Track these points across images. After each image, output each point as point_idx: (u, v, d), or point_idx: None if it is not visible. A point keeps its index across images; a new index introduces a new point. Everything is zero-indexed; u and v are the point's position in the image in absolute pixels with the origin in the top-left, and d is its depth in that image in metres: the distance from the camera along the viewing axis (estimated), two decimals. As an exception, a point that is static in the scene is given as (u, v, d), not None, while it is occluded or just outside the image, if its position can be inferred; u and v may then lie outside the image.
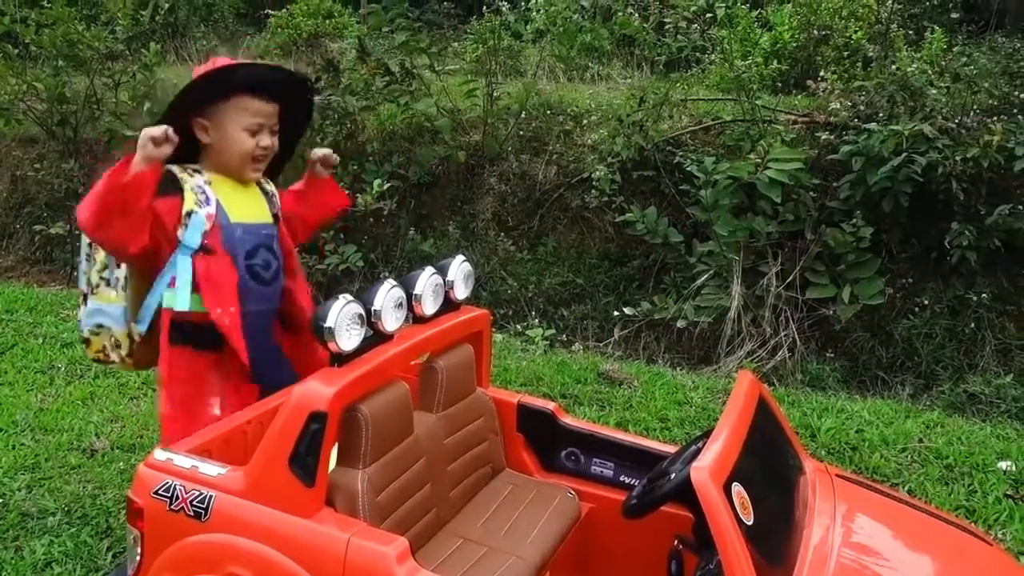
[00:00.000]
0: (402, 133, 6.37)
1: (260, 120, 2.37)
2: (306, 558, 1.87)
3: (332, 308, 2.02)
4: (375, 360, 2.10)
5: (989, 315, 4.88)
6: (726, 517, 1.58)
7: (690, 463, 1.72)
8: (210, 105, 2.34)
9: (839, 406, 4.03)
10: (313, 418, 1.92)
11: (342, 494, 2.02)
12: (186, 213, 2.30)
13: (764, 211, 5.08)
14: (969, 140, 4.86)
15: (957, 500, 3.18)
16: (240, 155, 2.37)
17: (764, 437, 2.00)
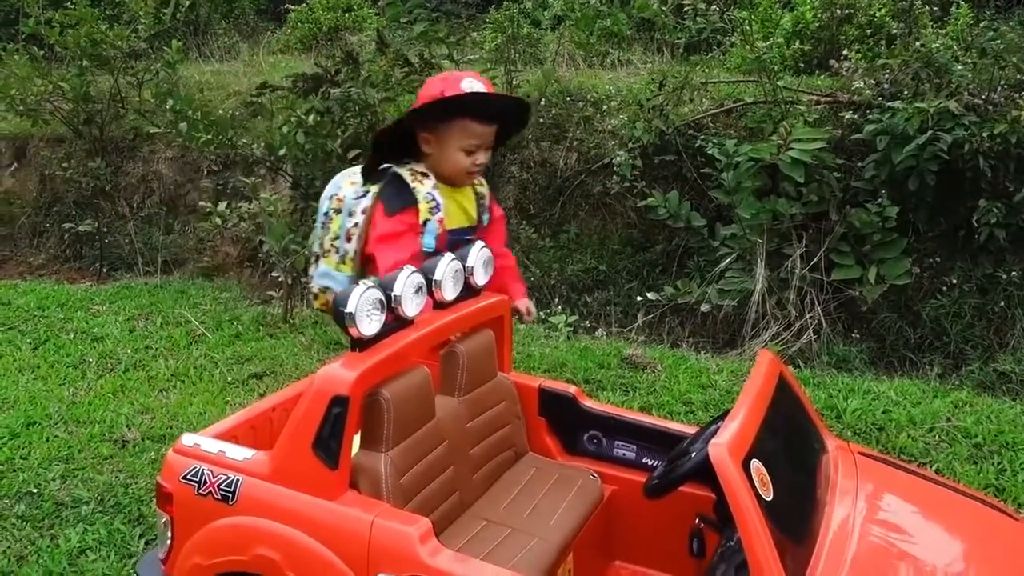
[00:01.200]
0: (422, 123, 6.37)
1: (478, 142, 2.55)
2: (331, 539, 1.91)
3: (352, 294, 2.04)
4: (396, 345, 2.13)
5: (1019, 293, 4.81)
6: (745, 493, 1.58)
7: (709, 442, 1.72)
8: (437, 122, 2.53)
9: (865, 387, 4.00)
10: (335, 402, 1.95)
11: (366, 477, 2.04)
12: (423, 222, 2.54)
13: (787, 193, 5.03)
14: (996, 116, 4.78)
15: (987, 479, 3.14)
16: (456, 170, 2.58)
17: (784, 415, 1.99)
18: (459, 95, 2.46)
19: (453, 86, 2.48)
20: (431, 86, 2.55)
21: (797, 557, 1.67)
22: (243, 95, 7.26)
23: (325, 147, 5.89)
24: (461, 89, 2.46)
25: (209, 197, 6.32)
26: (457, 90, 2.46)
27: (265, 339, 4.86)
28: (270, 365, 4.43)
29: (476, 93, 2.48)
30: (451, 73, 2.62)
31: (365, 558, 1.86)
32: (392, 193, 2.57)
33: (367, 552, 1.86)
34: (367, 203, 2.61)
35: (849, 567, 1.68)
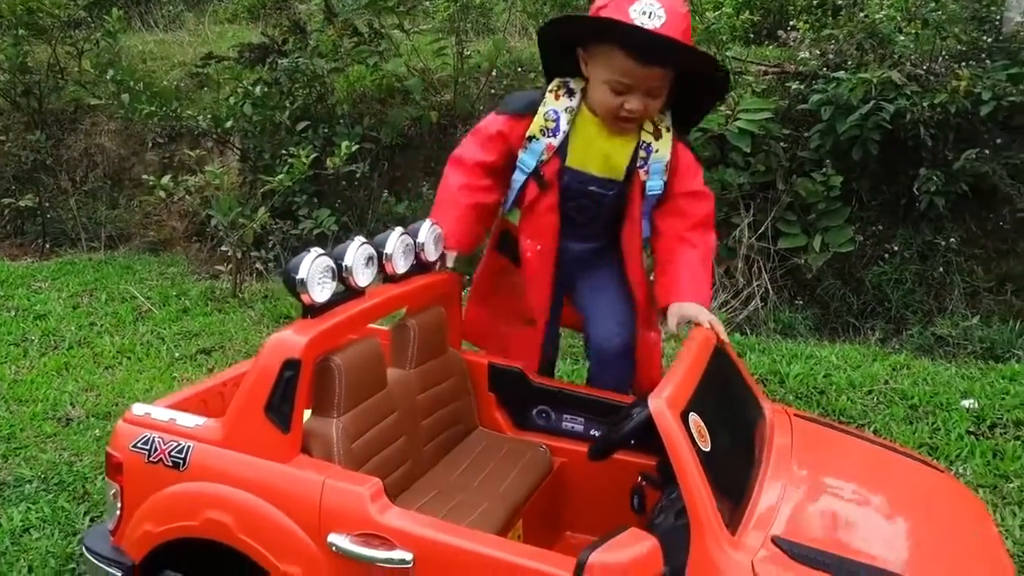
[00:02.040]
0: (372, 95, 6.32)
1: (628, 81, 2.12)
2: (283, 501, 1.92)
3: (304, 260, 2.04)
4: (347, 312, 2.13)
5: (957, 259, 4.95)
6: (683, 443, 1.64)
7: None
8: (590, 41, 2.16)
9: (808, 352, 4.11)
10: (287, 365, 1.96)
11: (317, 441, 2.05)
12: (528, 137, 2.28)
13: (735, 163, 5.11)
14: (937, 86, 4.89)
15: (921, 438, 3.26)
16: (603, 108, 2.21)
17: (721, 379, 2.05)
18: (606, 19, 2.02)
19: (618, 7, 2.02)
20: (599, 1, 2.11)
21: (733, 508, 1.73)
22: (188, 66, 7.11)
23: (273, 118, 5.82)
24: (627, 13, 2.00)
25: (155, 171, 6.20)
26: (620, 12, 2.01)
27: (214, 314, 4.81)
28: (219, 340, 4.39)
29: (628, 24, 1.99)
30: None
31: (316, 518, 1.88)
32: (517, 98, 2.36)
33: (318, 512, 1.88)
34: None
35: (783, 518, 1.74)
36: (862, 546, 1.74)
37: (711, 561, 1.60)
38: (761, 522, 1.72)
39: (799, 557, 1.62)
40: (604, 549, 1.55)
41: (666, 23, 1.97)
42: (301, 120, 5.92)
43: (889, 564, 1.68)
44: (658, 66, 2.06)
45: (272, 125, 5.87)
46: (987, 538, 1.91)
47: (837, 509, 1.88)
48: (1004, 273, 4.87)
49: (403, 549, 1.79)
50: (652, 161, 2.26)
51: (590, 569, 1.53)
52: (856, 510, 1.89)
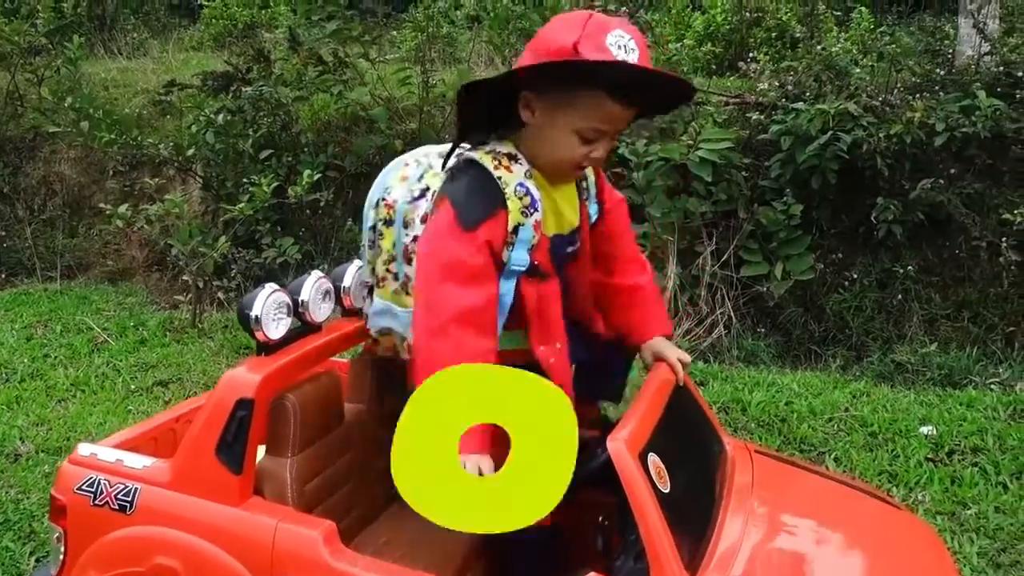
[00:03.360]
0: (337, 123, 6.31)
1: (605, 127, 1.78)
2: (234, 545, 1.87)
3: (257, 297, 2.01)
4: (302, 349, 2.10)
5: (916, 286, 5.02)
6: (642, 484, 1.62)
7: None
8: (555, 85, 1.73)
9: (770, 379, 4.14)
10: (240, 405, 1.92)
11: (270, 482, 2.01)
12: (512, 229, 1.77)
13: (697, 192, 5.16)
14: (893, 117, 4.99)
15: (881, 465, 3.29)
16: (564, 160, 1.81)
17: (682, 416, 2.03)
18: (604, 61, 1.65)
19: (595, 42, 1.66)
20: (559, 30, 1.72)
21: (694, 547, 1.72)
22: (151, 93, 7.05)
23: (236, 147, 5.79)
24: (608, 52, 1.66)
25: (115, 199, 6.10)
26: (600, 49, 1.66)
27: (172, 345, 4.73)
28: (176, 371, 4.31)
29: (630, 65, 1.67)
30: (590, 15, 1.72)
31: (269, 563, 1.83)
32: (469, 191, 1.76)
33: (271, 557, 1.83)
34: (428, 207, 1.91)
35: (743, 558, 1.73)
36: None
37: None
38: (722, 563, 1.71)
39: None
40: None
41: (640, 54, 1.71)
42: (264, 148, 5.89)
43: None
44: (638, 104, 1.80)
45: (235, 153, 5.84)
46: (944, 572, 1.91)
47: (797, 548, 1.87)
48: (961, 300, 4.95)
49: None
50: (589, 187, 2.01)
51: None
52: (815, 549, 1.88)
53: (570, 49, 1.67)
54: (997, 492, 3.09)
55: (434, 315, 1.69)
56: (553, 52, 1.69)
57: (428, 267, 1.74)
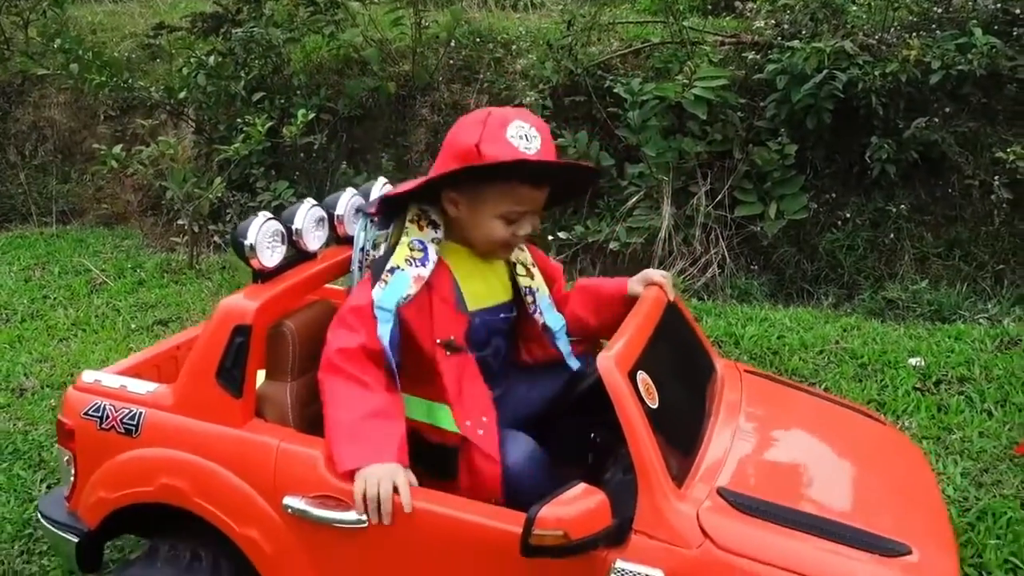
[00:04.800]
0: (329, 65, 6.25)
1: (523, 208, 1.94)
2: (237, 465, 1.92)
3: (251, 225, 2.03)
4: (298, 276, 2.13)
5: (908, 225, 5.05)
6: (630, 400, 1.66)
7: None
8: (471, 183, 1.91)
9: (762, 315, 4.19)
10: (238, 331, 1.95)
11: (271, 406, 2.06)
12: (389, 269, 1.91)
13: (692, 132, 5.15)
14: (888, 56, 4.96)
15: (869, 395, 3.36)
16: (493, 241, 1.98)
17: (673, 337, 2.08)
18: (508, 162, 1.82)
19: (496, 138, 1.84)
20: (463, 133, 1.90)
21: (681, 460, 1.77)
22: (139, 37, 6.97)
23: (228, 89, 5.74)
24: (509, 145, 1.83)
25: (107, 143, 6.06)
26: (502, 146, 1.83)
27: (170, 285, 4.76)
28: (176, 311, 4.35)
29: (531, 162, 1.84)
30: (489, 113, 1.90)
31: (272, 481, 1.89)
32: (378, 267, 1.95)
33: (273, 475, 1.89)
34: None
35: (729, 470, 1.79)
36: (806, 495, 1.80)
37: (658, 513, 1.63)
38: (707, 475, 1.77)
39: (743, 507, 1.67)
40: (554, 504, 1.57)
41: (542, 140, 1.88)
42: (257, 91, 5.84)
43: (831, 512, 1.73)
44: (548, 184, 1.96)
45: (227, 96, 5.78)
46: (925, 485, 1.98)
47: (782, 461, 1.94)
48: (952, 239, 4.98)
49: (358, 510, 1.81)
50: (524, 262, 2.14)
51: (540, 523, 1.56)
52: (801, 461, 1.95)
53: (474, 150, 1.85)
54: (982, 419, 3.16)
55: (324, 356, 1.91)
56: (460, 155, 1.88)
57: (334, 320, 1.97)
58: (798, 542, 1.61)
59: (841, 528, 1.65)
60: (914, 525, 1.74)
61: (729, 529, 1.62)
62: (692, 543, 1.61)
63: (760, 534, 1.62)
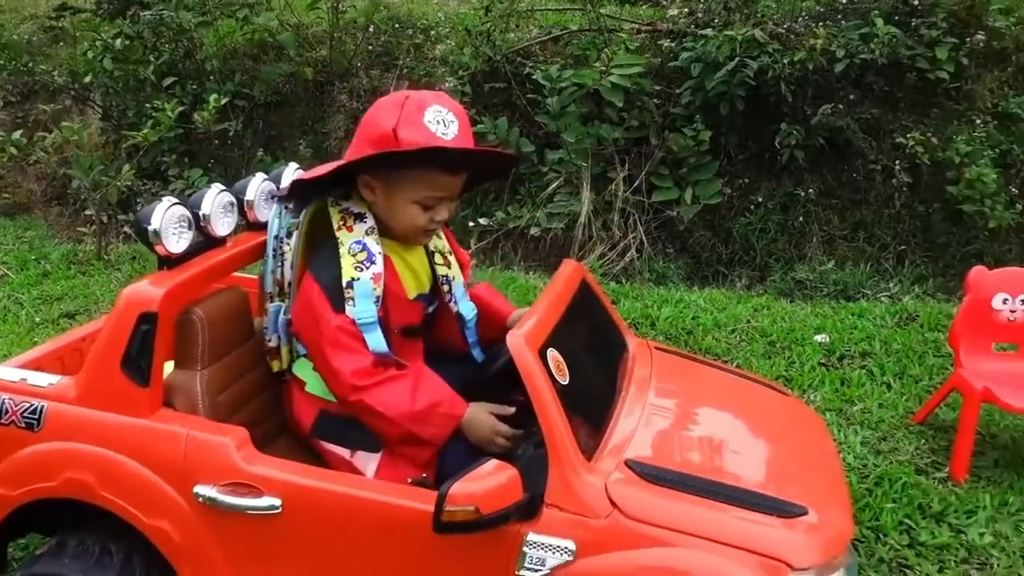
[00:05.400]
0: (244, 50, 6.11)
1: (441, 194, 1.94)
2: (144, 455, 1.88)
3: (155, 210, 1.97)
4: (206, 263, 2.08)
5: (816, 209, 5.22)
6: (540, 376, 1.70)
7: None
8: (386, 168, 1.89)
9: (678, 297, 4.31)
10: (143, 319, 1.90)
11: (180, 394, 2.01)
12: (346, 285, 1.88)
13: (610, 118, 5.22)
14: (797, 45, 5.11)
15: (778, 371, 3.49)
16: (412, 228, 1.96)
17: (585, 315, 2.13)
18: (426, 148, 1.79)
19: (413, 123, 1.81)
20: (380, 116, 1.86)
21: (591, 436, 1.82)
22: (40, 19, 6.66)
23: (137, 74, 5.55)
24: (427, 130, 1.81)
25: (7, 130, 5.80)
26: (419, 132, 1.80)
27: (77, 277, 4.60)
28: (83, 303, 4.20)
29: (448, 149, 1.83)
30: (407, 97, 1.87)
31: (181, 471, 1.85)
32: (330, 273, 1.90)
33: (183, 465, 1.86)
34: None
35: (638, 442, 1.84)
36: (710, 464, 1.86)
37: (567, 486, 1.65)
38: (617, 448, 1.82)
39: (650, 477, 1.72)
40: (465, 480, 1.60)
41: (459, 125, 1.87)
42: (168, 76, 5.66)
43: (734, 478, 1.80)
44: (465, 171, 1.97)
45: (136, 81, 5.60)
46: (825, 452, 2.07)
47: (689, 432, 2.00)
48: (857, 221, 5.19)
49: (271, 496, 1.80)
50: (442, 251, 2.15)
51: (451, 499, 1.58)
52: (707, 432, 2.01)
53: (391, 134, 1.81)
54: (881, 391, 3.33)
55: (343, 383, 1.87)
56: (376, 139, 1.84)
57: (318, 345, 1.90)
58: (701, 508, 1.67)
59: (742, 493, 1.72)
60: (812, 488, 1.83)
61: (636, 499, 1.67)
62: (601, 514, 1.65)
63: (665, 502, 1.67)
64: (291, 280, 2.07)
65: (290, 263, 2.06)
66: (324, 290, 1.89)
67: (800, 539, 1.65)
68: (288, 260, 2.07)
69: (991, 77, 5.24)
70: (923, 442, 2.98)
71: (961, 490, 2.72)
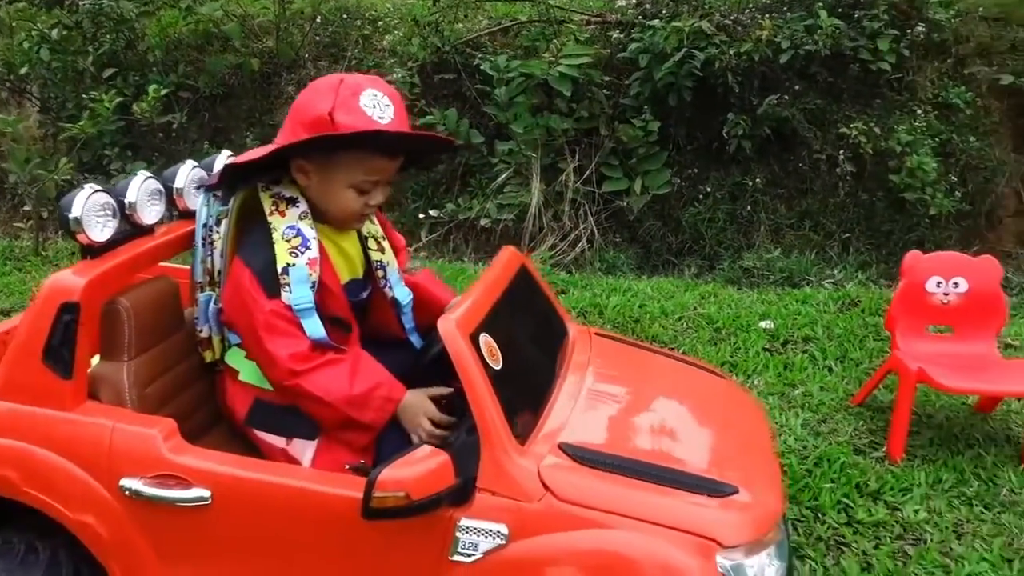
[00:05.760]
0: (188, 41, 5.99)
1: (376, 178, 1.91)
2: (69, 449, 1.82)
3: (77, 198, 1.91)
4: (132, 252, 2.02)
5: (763, 198, 5.30)
6: (471, 361, 1.68)
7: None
8: (320, 152, 1.85)
9: (626, 286, 4.33)
10: (65, 309, 1.84)
11: (106, 386, 1.95)
12: (281, 271, 1.84)
13: (560, 109, 5.23)
14: (743, 36, 5.17)
15: (723, 357, 3.52)
16: (347, 212, 1.94)
17: (523, 302, 2.11)
18: (361, 132, 1.77)
19: (349, 107, 1.78)
20: (314, 99, 1.83)
21: (526, 420, 1.80)
22: (-26, 8, 6.44)
23: (76, 65, 5.41)
24: (362, 113, 1.78)
25: (-60, 123, 5.62)
26: (355, 115, 1.78)
27: (13, 273, 4.47)
28: (20, 299, 4.09)
29: (387, 133, 1.81)
30: (341, 80, 1.84)
31: (107, 464, 1.80)
32: (262, 257, 1.86)
33: (109, 458, 1.81)
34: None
35: (573, 426, 1.83)
36: (645, 446, 1.86)
37: (500, 470, 1.63)
38: (552, 432, 1.80)
39: (584, 460, 1.70)
40: (394, 466, 1.58)
41: (395, 109, 1.85)
42: (108, 67, 5.53)
43: (668, 460, 1.80)
44: (401, 155, 1.95)
45: (75, 72, 5.46)
46: (758, 433, 2.09)
47: (625, 415, 1.99)
48: (804, 210, 5.27)
49: (200, 487, 1.76)
50: (375, 234, 2.13)
51: (381, 485, 1.55)
52: (643, 415, 2.01)
53: (326, 118, 1.78)
54: (823, 374, 3.38)
55: (279, 368, 1.83)
56: (311, 123, 1.81)
57: (252, 331, 1.86)
58: (633, 489, 1.66)
59: (674, 474, 1.72)
60: (744, 468, 1.84)
61: (569, 481, 1.65)
62: (534, 497, 1.63)
63: (598, 484, 1.66)
64: (221, 268, 2.02)
65: (220, 251, 2.01)
66: (256, 275, 1.85)
67: (730, 517, 1.66)
68: (218, 248, 2.02)
69: (932, 68, 5.36)
70: (861, 423, 3.03)
71: (897, 469, 2.77)
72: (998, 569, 2.32)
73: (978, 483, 2.71)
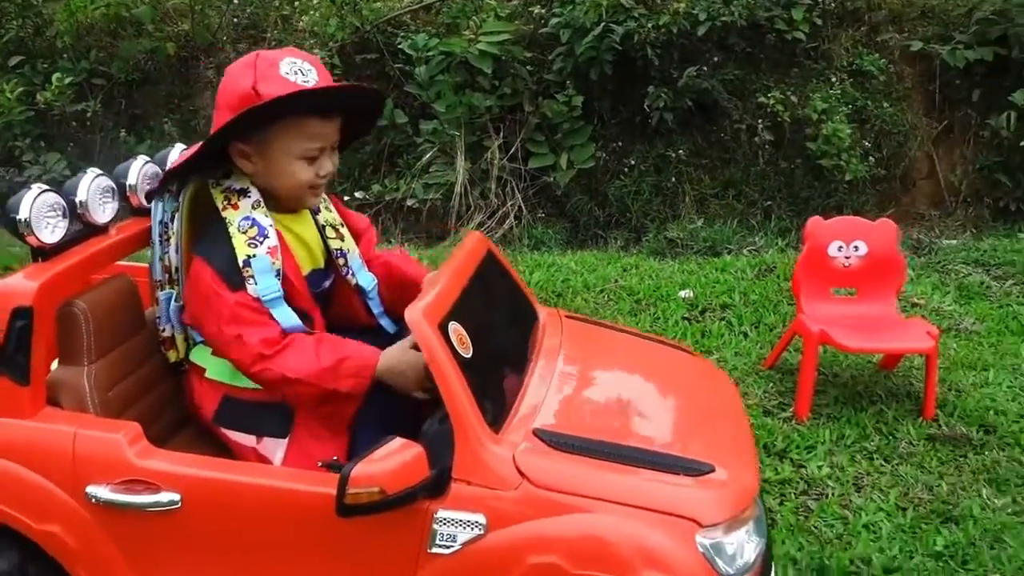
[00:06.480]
0: (100, 26, 5.81)
1: (319, 143, 1.88)
2: (29, 458, 1.80)
3: (24, 199, 1.85)
4: (86, 252, 1.96)
5: (687, 169, 5.42)
6: (440, 351, 1.68)
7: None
8: (255, 128, 1.81)
9: (551, 261, 4.45)
10: (17, 314, 1.78)
11: (67, 392, 1.90)
12: (243, 264, 1.83)
13: (483, 87, 5.28)
14: (662, 9, 5.23)
15: (643, 327, 3.64)
16: (299, 186, 1.90)
17: (492, 286, 2.10)
18: (287, 95, 1.75)
19: (270, 77, 1.78)
20: (235, 79, 1.83)
21: (499, 408, 1.81)
22: None
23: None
24: (285, 80, 1.78)
25: None
26: (278, 83, 1.77)
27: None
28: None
29: (311, 90, 1.80)
30: (257, 55, 1.84)
31: (71, 472, 1.78)
32: (221, 252, 1.85)
33: (72, 465, 1.78)
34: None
35: (547, 412, 1.84)
36: (620, 428, 1.85)
37: (475, 459, 1.64)
38: (525, 418, 1.78)
39: (559, 445, 1.70)
40: (367, 461, 1.56)
41: (317, 71, 1.85)
42: (15, 55, 5.34)
43: (644, 441, 1.80)
44: (337, 115, 1.92)
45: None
46: (731, 410, 2.13)
47: (600, 398, 1.98)
48: (727, 179, 5.43)
49: (170, 491, 1.75)
50: (333, 222, 2.10)
51: (354, 481, 1.54)
52: (617, 397, 2.00)
53: (251, 92, 1.78)
54: (738, 340, 3.57)
55: (249, 354, 1.82)
56: (236, 103, 1.80)
57: (218, 327, 1.84)
58: (609, 472, 1.67)
59: (650, 455, 1.73)
60: (719, 446, 1.85)
61: (545, 467, 1.66)
62: (510, 484, 1.63)
63: (575, 469, 1.67)
64: (178, 265, 2.01)
65: (174, 247, 2.00)
66: (217, 272, 1.84)
67: (708, 496, 1.67)
68: (173, 245, 2.00)
69: (846, 36, 5.53)
70: (771, 385, 3.20)
71: (803, 428, 2.93)
72: (893, 518, 2.49)
73: (879, 438, 2.88)
